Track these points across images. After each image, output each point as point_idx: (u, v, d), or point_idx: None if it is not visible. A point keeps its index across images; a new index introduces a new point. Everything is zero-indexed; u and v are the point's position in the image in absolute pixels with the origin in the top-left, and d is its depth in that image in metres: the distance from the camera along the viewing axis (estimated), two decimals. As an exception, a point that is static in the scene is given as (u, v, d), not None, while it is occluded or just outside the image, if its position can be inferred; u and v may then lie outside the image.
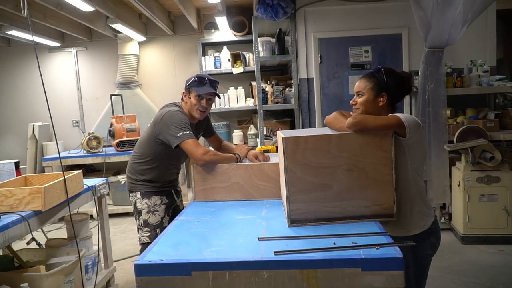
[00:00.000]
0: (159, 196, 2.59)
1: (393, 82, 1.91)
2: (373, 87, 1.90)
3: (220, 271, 1.37)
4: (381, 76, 1.90)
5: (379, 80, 1.90)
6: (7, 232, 2.05)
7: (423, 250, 1.88)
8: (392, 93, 1.91)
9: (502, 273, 3.24)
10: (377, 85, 1.90)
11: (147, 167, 2.57)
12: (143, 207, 2.57)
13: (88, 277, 2.94)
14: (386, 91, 1.90)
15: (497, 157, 3.66)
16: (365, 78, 1.95)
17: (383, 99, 1.90)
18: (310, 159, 1.68)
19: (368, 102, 1.90)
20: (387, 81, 1.89)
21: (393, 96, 1.92)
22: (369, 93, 1.91)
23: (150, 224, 2.55)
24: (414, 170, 1.84)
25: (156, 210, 2.57)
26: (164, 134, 2.40)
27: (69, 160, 5.11)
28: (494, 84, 4.17)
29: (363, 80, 1.95)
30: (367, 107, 1.90)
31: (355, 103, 1.95)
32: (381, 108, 1.91)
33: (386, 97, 1.90)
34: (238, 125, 5.85)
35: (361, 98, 1.92)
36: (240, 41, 5.58)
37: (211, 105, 2.57)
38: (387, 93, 1.90)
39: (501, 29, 5.90)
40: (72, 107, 6.18)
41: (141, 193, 2.58)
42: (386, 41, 4.45)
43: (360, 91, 1.93)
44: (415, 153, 1.83)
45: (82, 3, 3.84)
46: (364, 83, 1.93)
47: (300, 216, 1.72)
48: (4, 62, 6.11)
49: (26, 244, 2.35)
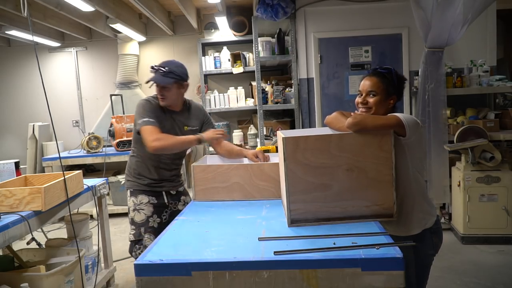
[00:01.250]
0: (146, 195, 2.59)
1: (400, 84, 1.94)
2: (386, 88, 1.90)
3: (220, 271, 1.37)
4: (392, 77, 1.91)
5: (391, 81, 1.91)
6: (7, 232, 2.05)
7: (425, 249, 1.88)
8: (399, 95, 1.95)
9: (502, 273, 3.24)
10: (390, 87, 1.91)
11: (135, 160, 2.63)
12: (130, 205, 2.60)
13: (88, 277, 2.94)
14: (396, 93, 1.92)
15: (497, 157, 3.66)
16: (377, 78, 1.92)
17: (392, 101, 1.92)
18: (310, 159, 1.68)
19: (381, 102, 1.91)
20: (397, 82, 1.92)
21: (399, 97, 1.96)
22: (382, 94, 1.90)
23: (135, 222, 2.56)
24: (414, 169, 1.85)
25: (141, 208, 2.56)
26: (135, 123, 2.51)
27: (69, 160, 5.11)
28: (494, 84, 4.17)
29: (375, 79, 1.92)
30: (379, 108, 1.90)
31: (365, 102, 1.93)
32: (389, 110, 1.92)
33: (396, 98, 1.93)
34: (238, 125, 5.85)
35: (375, 98, 1.91)
36: (240, 41, 5.58)
37: (169, 92, 2.45)
38: (396, 95, 1.92)
39: (501, 29, 5.90)
40: (72, 107, 6.18)
41: (130, 191, 2.62)
42: (386, 41, 4.45)
43: (374, 91, 1.91)
44: (415, 152, 1.84)
45: (82, 3, 3.84)
46: (378, 83, 1.91)
47: (300, 216, 1.72)
48: (4, 62, 6.11)
49: (26, 244, 2.36)
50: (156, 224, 2.59)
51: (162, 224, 2.57)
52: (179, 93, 2.52)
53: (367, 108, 1.93)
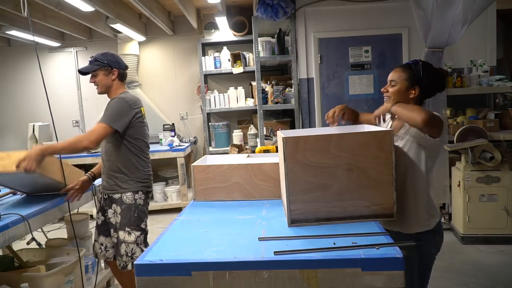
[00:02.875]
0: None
1: (429, 77, 1.90)
2: (407, 78, 1.90)
3: (220, 271, 1.37)
4: (417, 69, 1.90)
5: (415, 72, 1.89)
6: (7, 232, 2.04)
7: (427, 249, 1.90)
8: (425, 88, 1.91)
9: (502, 273, 3.24)
10: (412, 77, 1.89)
11: None
12: None
13: (88, 277, 2.94)
14: (419, 85, 1.89)
15: (497, 157, 3.66)
16: (400, 68, 1.94)
17: (414, 92, 1.90)
18: (310, 159, 1.68)
19: (400, 92, 1.90)
20: (423, 75, 1.89)
21: (425, 91, 1.92)
22: (402, 84, 1.90)
23: None
24: (430, 169, 1.88)
25: None
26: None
27: (69, 160, 5.07)
28: (494, 84, 4.17)
29: (398, 69, 1.94)
30: (397, 97, 1.90)
31: (386, 90, 1.95)
32: (411, 101, 1.91)
33: (418, 90, 1.90)
34: (238, 125, 5.85)
35: (394, 87, 1.92)
36: (240, 41, 5.58)
37: (96, 79, 2.59)
38: (420, 87, 1.90)
39: (501, 29, 5.90)
40: (72, 107, 6.18)
41: None
42: (386, 41, 4.45)
43: (394, 80, 1.92)
44: (435, 154, 1.88)
45: (82, 3, 3.84)
46: (399, 73, 1.92)
47: (300, 216, 1.72)
48: (4, 62, 6.11)
49: (26, 244, 2.35)
50: (100, 221, 2.70)
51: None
52: (108, 79, 2.58)
53: (387, 97, 1.95)
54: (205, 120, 5.52)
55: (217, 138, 5.49)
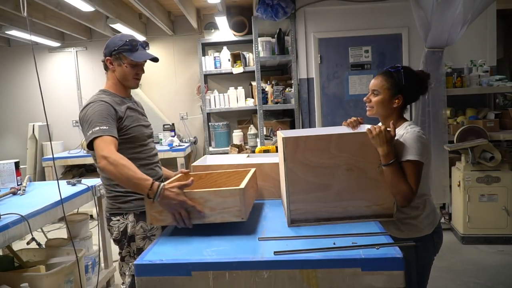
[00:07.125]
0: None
1: (411, 84, 1.87)
2: (390, 87, 1.86)
3: (220, 271, 1.37)
4: (399, 77, 1.86)
5: (397, 81, 1.86)
6: (7, 232, 2.04)
7: (426, 250, 1.89)
8: (408, 95, 1.88)
9: (502, 273, 3.24)
10: (395, 86, 1.86)
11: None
12: (138, 232, 2.03)
13: (88, 277, 2.94)
14: (402, 93, 1.86)
15: (497, 157, 3.66)
16: (382, 77, 1.89)
17: (398, 100, 1.87)
18: (310, 159, 1.68)
19: (384, 102, 1.88)
20: (405, 83, 1.85)
21: (408, 97, 1.89)
22: (385, 93, 1.87)
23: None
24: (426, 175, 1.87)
25: (153, 234, 2.05)
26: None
27: (69, 160, 5.12)
28: (494, 84, 4.17)
29: (380, 78, 1.90)
30: (381, 107, 1.88)
31: (369, 100, 1.92)
32: (394, 110, 1.89)
33: (402, 99, 1.87)
34: (238, 125, 5.85)
35: (377, 97, 1.89)
36: (240, 41, 5.58)
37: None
38: (403, 95, 1.86)
39: (501, 29, 5.90)
40: (72, 107, 6.17)
41: (135, 214, 2.04)
42: (386, 41, 4.45)
43: (376, 90, 1.89)
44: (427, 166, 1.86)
45: (82, 3, 3.84)
46: (381, 82, 1.88)
47: (300, 216, 1.72)
48: (4, 62, 6.11)
49: (26, 244, 2.35)
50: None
51: None
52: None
53: (370, 107, 1.93)
54: (205, 120, 5.52)
55: (217, 138, 5.49)
